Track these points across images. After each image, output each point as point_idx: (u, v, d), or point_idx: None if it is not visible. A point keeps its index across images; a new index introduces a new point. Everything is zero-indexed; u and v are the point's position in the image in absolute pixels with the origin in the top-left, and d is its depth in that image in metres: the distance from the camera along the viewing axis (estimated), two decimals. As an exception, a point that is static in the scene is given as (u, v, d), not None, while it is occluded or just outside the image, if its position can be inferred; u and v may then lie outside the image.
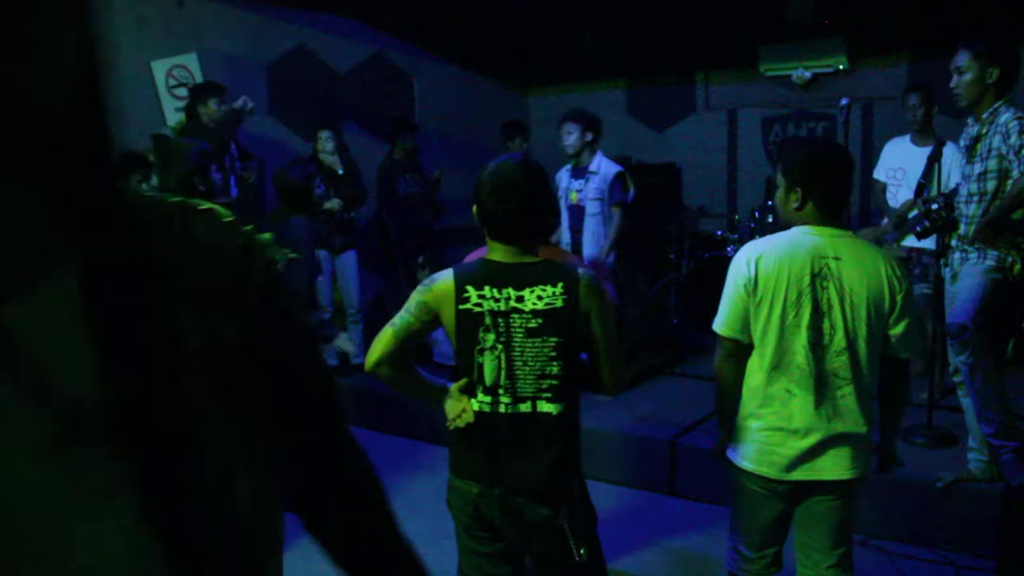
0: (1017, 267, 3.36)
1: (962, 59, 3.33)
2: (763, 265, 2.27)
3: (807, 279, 2.23)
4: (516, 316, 2.06)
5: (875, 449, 2.46)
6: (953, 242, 3.58)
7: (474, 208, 2.14)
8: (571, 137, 4.97)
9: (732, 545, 2.52)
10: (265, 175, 5.55)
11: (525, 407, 2.07)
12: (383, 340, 2.13)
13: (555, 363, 2.06)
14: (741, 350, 2.35)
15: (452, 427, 2.14)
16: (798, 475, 2.30)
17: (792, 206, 2.32)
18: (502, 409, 2.09)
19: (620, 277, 5.92)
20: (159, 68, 5.38)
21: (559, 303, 2.05)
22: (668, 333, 6.29)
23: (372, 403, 5.55)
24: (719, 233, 6.68)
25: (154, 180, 4.96)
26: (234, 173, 5.20)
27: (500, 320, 2.06)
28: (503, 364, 2.07)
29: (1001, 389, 3.35)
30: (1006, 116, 3.29)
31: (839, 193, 2.33)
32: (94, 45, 0.59)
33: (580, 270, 2.11)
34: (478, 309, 2.07)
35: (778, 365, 2.28)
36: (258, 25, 6.08)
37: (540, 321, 2.05)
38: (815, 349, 2.24)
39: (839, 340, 2.24)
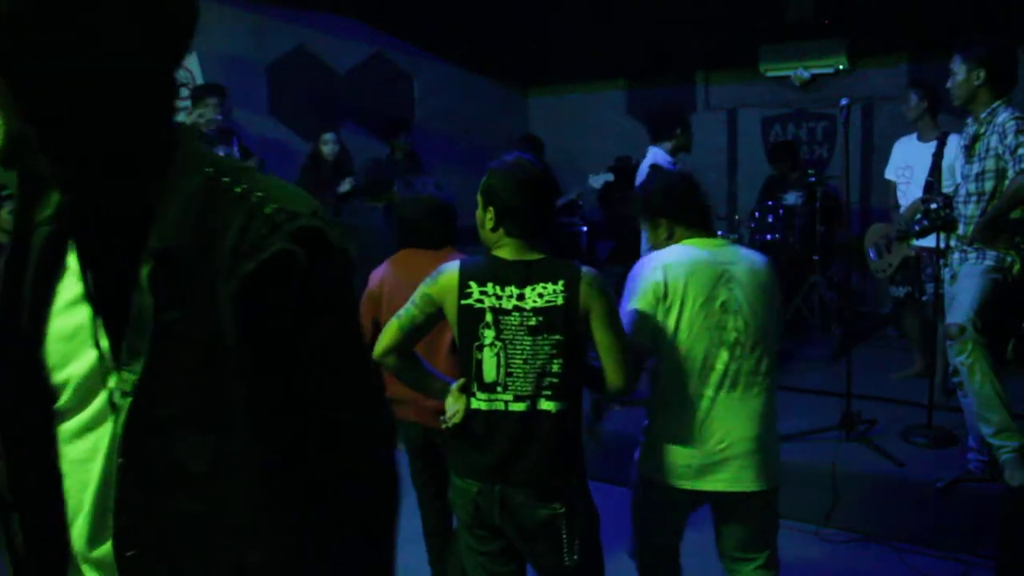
0: (1016, 267, 3.36)
1: (954, 62, 3.44)
2: (671, 273, 2.30)
3: (712, 283, 2.29)
4: (517, 314, 2.05)
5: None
6: (952, 242, 3.58)
7: (490, 210, 2.11)
8: None
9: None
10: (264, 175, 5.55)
11: (524, 405, 2.06)
12: (389, 331, 2.18)
13: (555, 361, 2.05)
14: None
15: (444, 426, 2.15)
16: (707, 485, 2.27)
17: (663, 237, 2.46)
18: (500, 407, 2.08)
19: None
20: (159, 68, 5.38)
21: (559, 301, 2.04)
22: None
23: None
24: (719, 233, 6.64)
25: None
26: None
27: (501, 318, 2.06)
28: (502, 362, 2.06)
29: (1000, 389, 3.35)
30: (1004, 116, 3.31)
31: (698, 212, 2.46)
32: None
33: (584, 268, 2.10)
34: (479, 305, 2.07)
35: (691, 369, 2.29)
36: (258, 25, 6.08)
37: (540, 319, 2.04)
38: (732, 349, 2.27)
39: (751, 340, 2.28)
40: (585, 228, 6.86)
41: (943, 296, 3.74)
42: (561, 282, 2.06)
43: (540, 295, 2.05)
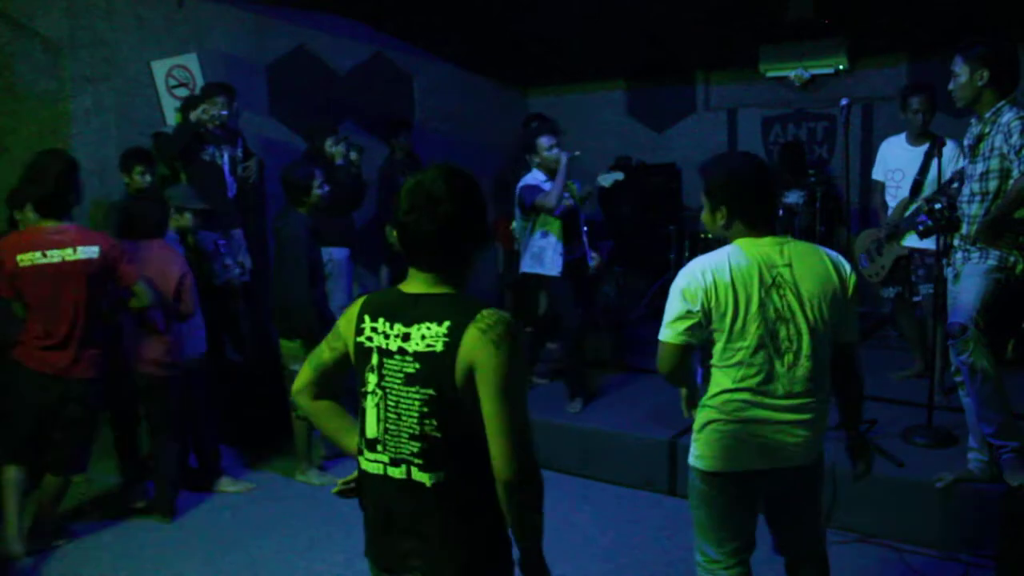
0: (1019, 267, 3.36)
1: (955, 63, 3.42)
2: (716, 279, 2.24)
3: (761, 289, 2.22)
4: (399, 357, 1.72)
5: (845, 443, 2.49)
6: (955, 241, 3.58)
7: (390, 228, 1.92)
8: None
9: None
10: (265, 175, 5.55)
11: (400, 472, 1.73)
12: (305, 366, 1.94)
13: (427, 422, 1.69)
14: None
15: (334, 491, 1.91)
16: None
17: (719, 224, 2.34)
18: (380, 471, 1.76)
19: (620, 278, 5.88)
20: (159, 68, 5.38)
21: (439, 347, 1.67)
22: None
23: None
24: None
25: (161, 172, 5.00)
26: (234, 173, 5.21)
27: (385, 360, 1.74)
28: (381, 415, 1.75)
29: (1001, 389, 3.35)
30: (1008, 116, 3.31)
31: (764, 209, 2.33)
32: None
33: (487, 311, 1.70)
34: (368, 344, 1.78)
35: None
36: (258, 25, 6.08)
37: (417, 367, 1.70)
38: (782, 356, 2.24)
39: (806, 346, 2.24)
40: (586, 228, 6.84)
41: (942, 296, 3.74)
42: (447, 323, 1.68)
43: (423, 337, 1.70)
